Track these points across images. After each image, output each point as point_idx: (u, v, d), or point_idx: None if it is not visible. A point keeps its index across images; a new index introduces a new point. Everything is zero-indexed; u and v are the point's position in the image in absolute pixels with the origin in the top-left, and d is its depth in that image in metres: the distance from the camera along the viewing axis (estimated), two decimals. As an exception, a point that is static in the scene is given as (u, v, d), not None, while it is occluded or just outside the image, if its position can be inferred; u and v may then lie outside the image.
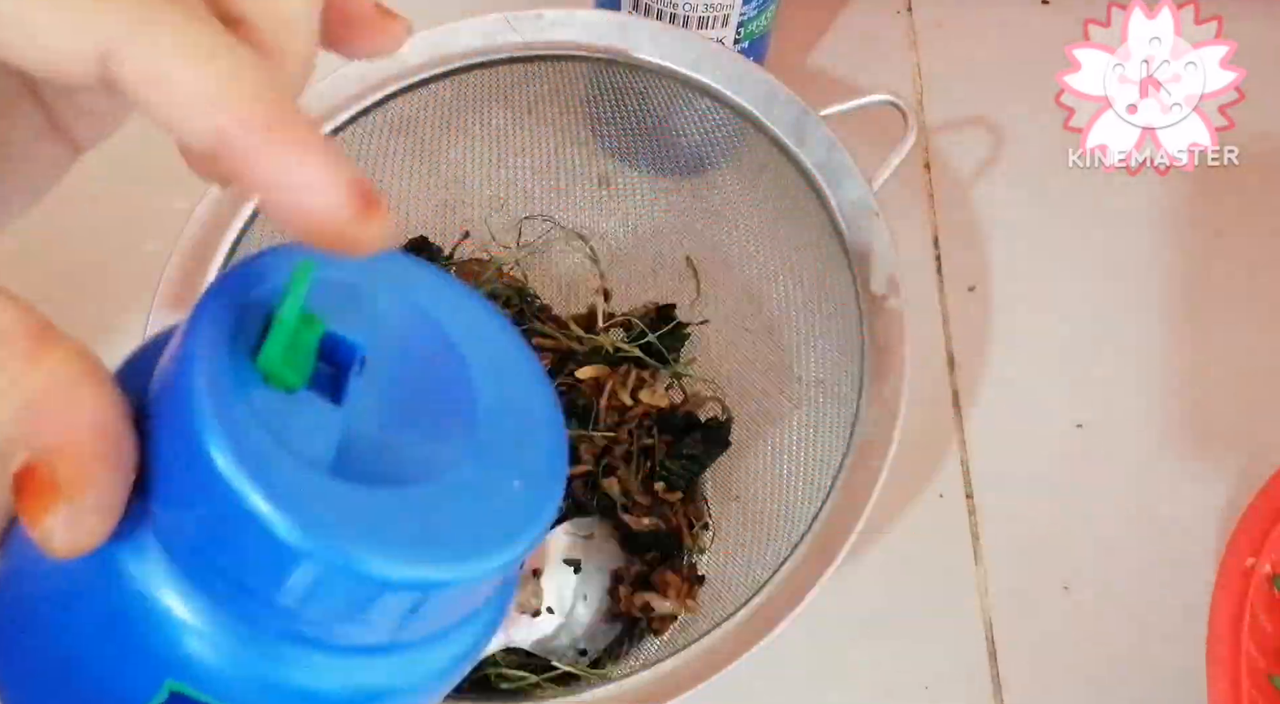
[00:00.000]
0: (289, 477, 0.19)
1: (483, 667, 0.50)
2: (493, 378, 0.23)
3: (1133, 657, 0.56)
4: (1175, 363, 0.63)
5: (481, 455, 0.22)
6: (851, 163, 0.53)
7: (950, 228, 0.65)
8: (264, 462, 0.19)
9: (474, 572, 0.21)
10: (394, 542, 0.20)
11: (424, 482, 0.21)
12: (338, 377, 0.21)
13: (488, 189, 0.60)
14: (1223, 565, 0.51)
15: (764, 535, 0.53)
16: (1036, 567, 0.58)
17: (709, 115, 0.56)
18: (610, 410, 0.55)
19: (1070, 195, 0.66)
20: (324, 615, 0.20)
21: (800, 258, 0.57)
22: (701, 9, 0.56)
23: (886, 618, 0.56)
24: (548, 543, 0.52)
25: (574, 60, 0.56)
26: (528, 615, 0.51)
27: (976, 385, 0.62)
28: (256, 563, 0.19)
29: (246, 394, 0.20)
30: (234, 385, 0.20)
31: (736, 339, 0.59)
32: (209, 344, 0.20)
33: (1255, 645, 0.50)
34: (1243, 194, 0.67)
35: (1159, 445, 0.61)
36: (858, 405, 0.51)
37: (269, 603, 0.20)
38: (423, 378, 0.22)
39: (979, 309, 0.63)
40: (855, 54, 0.69)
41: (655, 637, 0.52)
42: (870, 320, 0.52)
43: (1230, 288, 0.65)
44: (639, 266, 0.61)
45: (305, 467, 0.20)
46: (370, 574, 0.19)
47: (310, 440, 0.20)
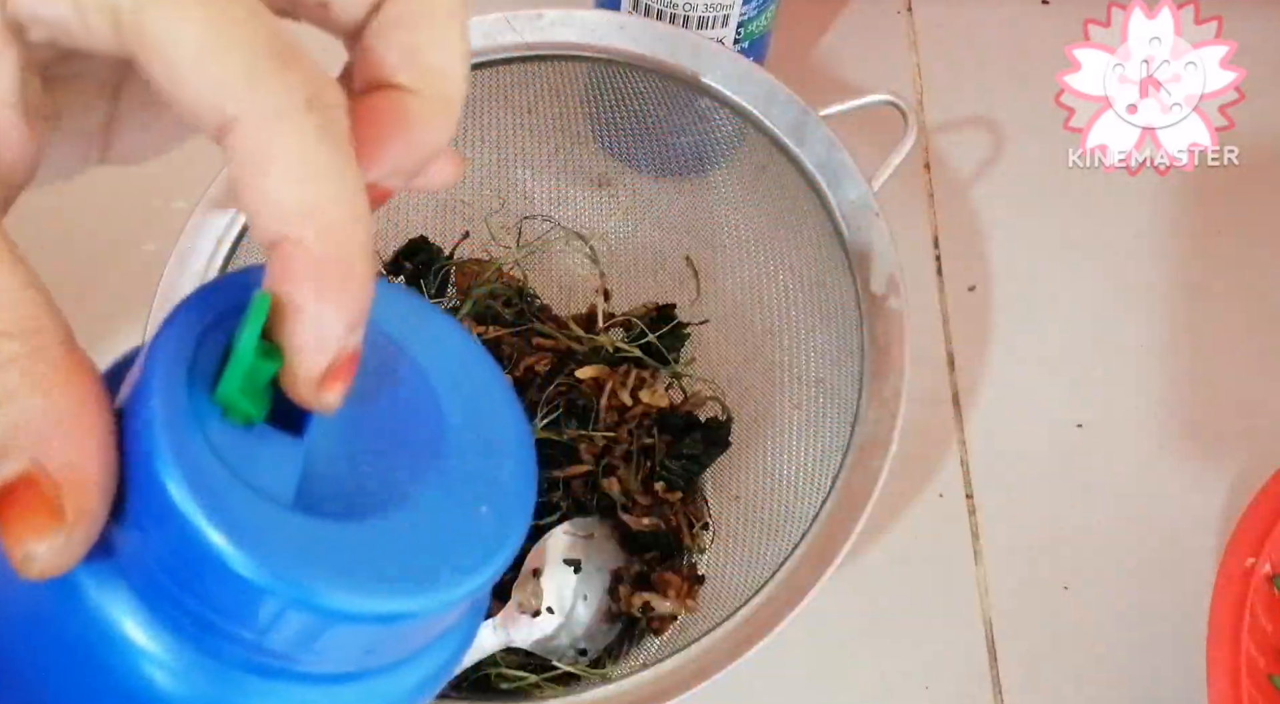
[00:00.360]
0: (247, 511, 0.19)
1: (483, 667, 0.50)
2: (461, 402, 0.22)
3: (1133, 657, 0.56)
4: (1175, 363, 0.63)
5: (448, 482, 0.21)
6: (851, 163, 0.53)
7: (950, 228, 0.65)
8: (221, 496, 0.19)
9: (437, 602, 0.20)
10: (355, 574, 0.20)
11: (388, 512, 0.21)
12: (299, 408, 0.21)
13: (488, 189, 0.60)
14: (1223, 565, 0.51)
15: (764, 535, 0.53)
16: (1036, 567, 0.58)
17: (709, 115, 0.56)
18: (610, 410, 0.55)
19: (1070, 195, 0.66)
20: (287, 646, 0.20)
21: (800, 258, 0.57)
22: (701, 9, 0.56)
23: (886, 618, 0.56)
24: (547, 543, 0.52)
25: (574, 60, 0.56)
26: (528, 615, 0.51)
27: (976, 385, 0.62)
28: (216, 596, 0.19)
29: (204, 428, 0.20)
30: (191, 419, 0.20)
31: (736, 339, 0.59)
32: (167, 376, 0.20)
33: (1255, 645, 0.50)
34: (1243, 194, 0.67)
35: (1159, 445, 0.61)
36: (858, 405, 0.51)
37: (230, 635, 0.20)
38: (388, 405, 0.22)
39: (979, 309, 0.63)
40: (855, 54, 0.69)
41: (655, 637, 0.52)
42: (870, 320, 0.52)
43: (1230, 288, 0.65)
44: (639, 266, 0.61)
45: (264, 500, 0.20)
46: (330, 607, 0.19)
47: (269, 474, 0.20)
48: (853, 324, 0.52)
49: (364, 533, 0.20)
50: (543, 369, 0.56)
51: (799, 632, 0.47)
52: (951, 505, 0.59)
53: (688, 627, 0.52)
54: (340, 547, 0.20)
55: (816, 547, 0.48)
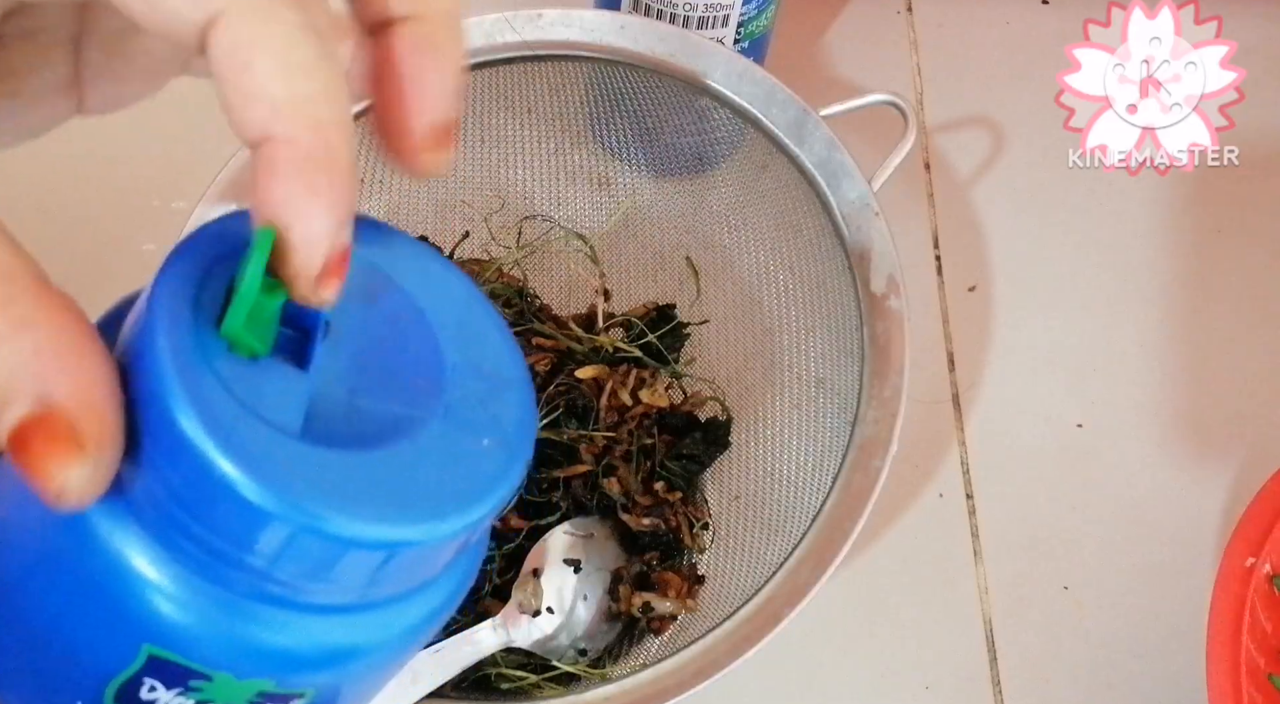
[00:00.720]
0: (255, 439, 0.20)
1: (482, 666, 0.50)
2: (459, 340, 0.23)
3: (1133, 657, 0.56)
4: (1175, 363, 0.63)
5: (449, 416, 0.22)
6: (851, 163, 0.53)
7: (950, 228, 0.65)
8: (230, 425, 0.19)
9: (442, 530, 0.21)
10: (361, 501, 0.20)
11: (391, 443, 0.21)
12: (303, 342, 0.21)
13: (488, 189, 0.60)
14: (1222, 565, 0.51)
15: (764, 535, 0.53)
16: (1036, 567, 0.58)
17: (709, 115, 0.56)
18: (610, 410, 0.55)
19: (1070, 195, 0.66)
20: (294, 575, 0.20)
21: (800, 258, 0.57)
22: (701, 9, 0.56)
23: (886, 618, 0.56)
24: (547, 543, 0.52)
25: (574, 60, 0.56)
26: (528, 615, 0.51)
27: (976, 385, 0.62)
28: (225, 525, 0.20)
29: (211, 361, 0.20)
30: (198, 353, 0.20)
31: (736, 339, 0.59)
32: (172, 312, 0.20)
33: (1255, 645, 0.50)
34: (1243, 194, 0.67)
35: (1159, 445, 0.61)
36: (858, 405, 0.51)
37: (239, 564, 0.20)
38: (389, 341, 0.22)
39: (979, 309, 0.63)
40: (855, 54, 0.69)
41: (655, 637, 0.52)
42: (870, 320, 0.52)
43: (1230, 288, 0.65)
44: (639, 267, 0.61)
45: (272, 430, 0.20)
46: (338, 534, 0.20)
47: (277, 405, 0.20)
48: (853, 324, 0.52)
49: (369, 462, 0.21)
50: (543, 369, 0.56)
51: (799, 632, 0.47)
52: (951, 505, 0.59)
53: (688, 627, 0.52)
54: (346, 475, 0.20)
55: (816, 547, 0.48)
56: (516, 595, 0.51)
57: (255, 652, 0.21)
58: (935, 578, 0.57)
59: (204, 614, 0.20)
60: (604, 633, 0.52)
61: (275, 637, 0.21)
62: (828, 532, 0.48)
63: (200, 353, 0.20)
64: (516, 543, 0.52)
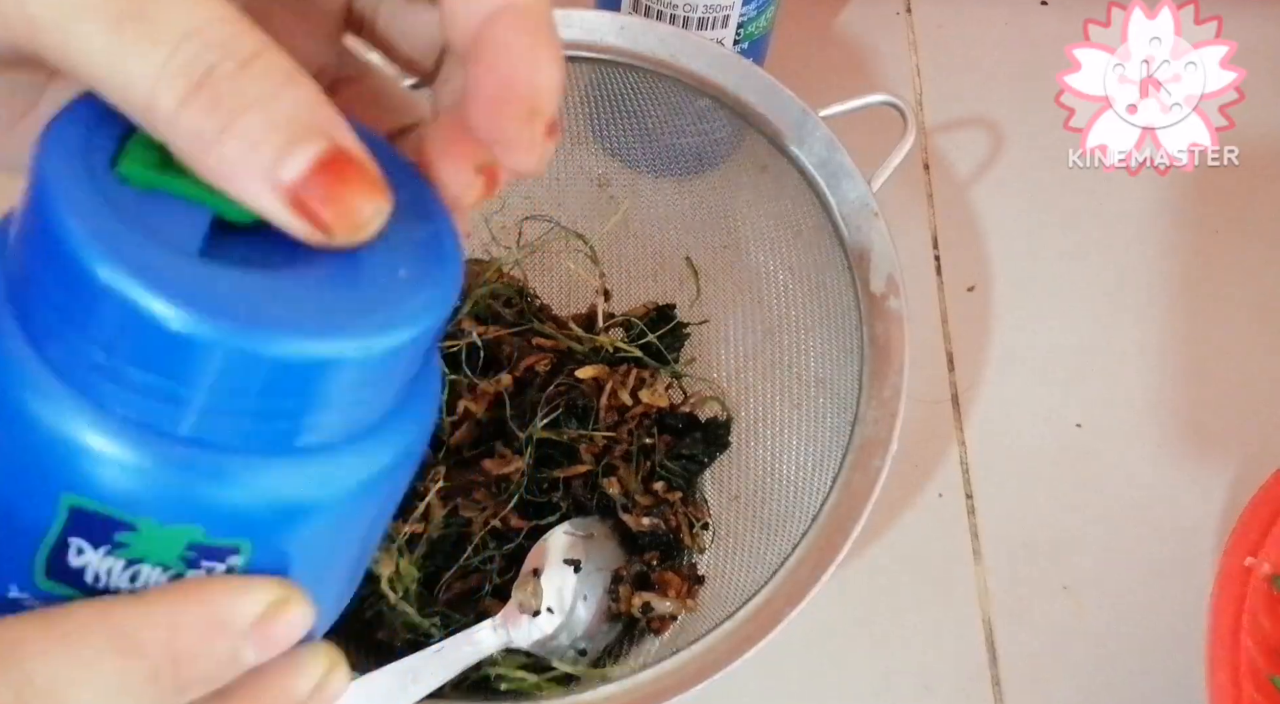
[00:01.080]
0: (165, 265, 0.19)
1: (482, 666, 0.50)
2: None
3: (1133, 657, 0.56)
4: (1175, 363, 0.63)
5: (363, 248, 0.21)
6: (851, 163, 0.53)
7: (950, 228, 0.65)
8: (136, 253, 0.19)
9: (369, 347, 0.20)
10: (283, 320, 0.19)
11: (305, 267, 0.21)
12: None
13: (488, 189, 0.60)
14: (1222, 565, 0.51)
15: (764, 535, 0.53)
16: (1036, 567, 0.58)
17: (709, 115, 0.56)
18: (610, 410, 0.55)
19: (1070, 195, 0.66)
20: (223, 410, 0.20)
21: (800, 258, 0.57)
22: (701, 9, 0.56)
23: (886, 618, 0.56)
24: (547, 543, 0.52)
25: (574, 61, 0.56)
26: (528, 615, 0.51)
27: (976, 385, 0.62)
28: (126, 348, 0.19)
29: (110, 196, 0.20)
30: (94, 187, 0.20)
31: (736, 339, 0.59)
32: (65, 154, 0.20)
33: (1255, 645, 0.50)
34: (1243, 194, 0.67)
35: (1159, 445, 0.61)
36: (858, 405, 0.51)
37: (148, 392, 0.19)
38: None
39: (978, 309, 0.63)
40: (855, 54, 0.69)
41: (655, 637, 0.52)
42: (870, 320, 0.52)
43: (1230, 288, 0.65)
44: (639, 266, 0.61)
45: (179, 255, 0.19)
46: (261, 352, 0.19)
47: (177, 232, 0.20)
48: (852, 324, 0.52)
49: (285, 283, 0.20)
50: (543, 369, 0.56)
51: (799, 632, 0.47)
52: (951, 505, 0.59)
53: (688, 627, 0.52)
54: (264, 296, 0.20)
55: (816, 547, 0.48)
56: (516, 595, 0.51)
57: (176, 491, 0.20)
58: (935, 578, 0.57)
59: (117, 450, 0.20)
60: (604, 633, 0.52)
61: (195, 475, 0.20)
62: (828, 532, 0.48)
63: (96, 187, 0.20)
64: (516, 543, 0.52)
